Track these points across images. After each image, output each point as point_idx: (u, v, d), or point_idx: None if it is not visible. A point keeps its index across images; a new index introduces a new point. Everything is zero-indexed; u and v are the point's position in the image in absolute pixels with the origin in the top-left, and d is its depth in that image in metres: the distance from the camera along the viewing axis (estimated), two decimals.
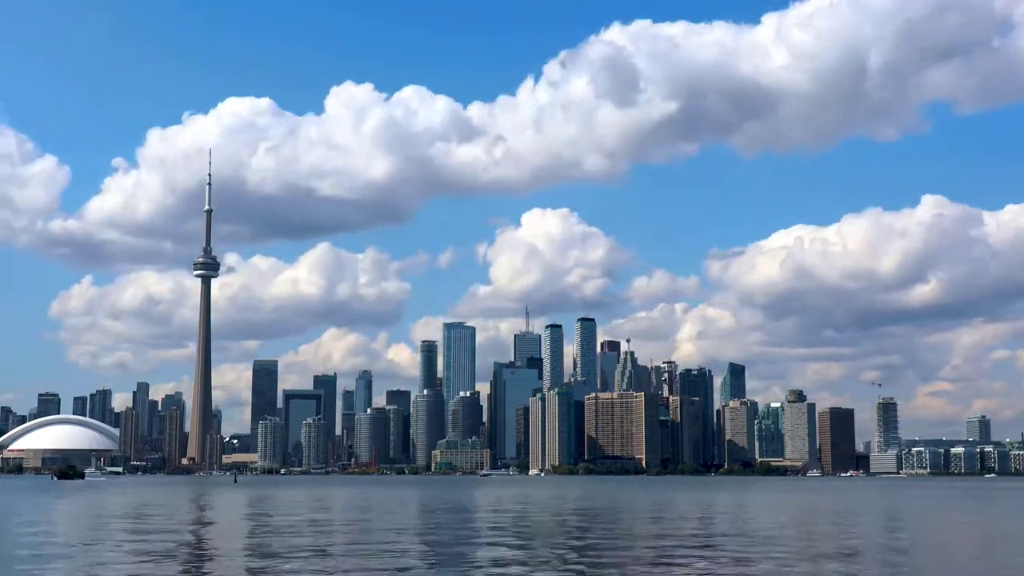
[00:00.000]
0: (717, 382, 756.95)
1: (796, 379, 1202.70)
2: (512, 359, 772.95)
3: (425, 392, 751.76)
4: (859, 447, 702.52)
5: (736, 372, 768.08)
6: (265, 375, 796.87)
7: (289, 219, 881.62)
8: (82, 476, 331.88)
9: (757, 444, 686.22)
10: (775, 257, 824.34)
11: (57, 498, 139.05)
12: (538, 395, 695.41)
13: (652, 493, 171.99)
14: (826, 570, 45.11)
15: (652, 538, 63.43)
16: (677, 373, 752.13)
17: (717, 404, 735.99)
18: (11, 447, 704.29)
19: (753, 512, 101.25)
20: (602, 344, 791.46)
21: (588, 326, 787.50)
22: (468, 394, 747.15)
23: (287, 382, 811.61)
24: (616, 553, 52.74)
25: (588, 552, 52.55)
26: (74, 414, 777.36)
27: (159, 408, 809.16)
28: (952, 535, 72.25)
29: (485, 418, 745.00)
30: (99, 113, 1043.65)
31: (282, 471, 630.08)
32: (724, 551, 52.85)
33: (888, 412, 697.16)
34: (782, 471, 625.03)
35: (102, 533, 67.30)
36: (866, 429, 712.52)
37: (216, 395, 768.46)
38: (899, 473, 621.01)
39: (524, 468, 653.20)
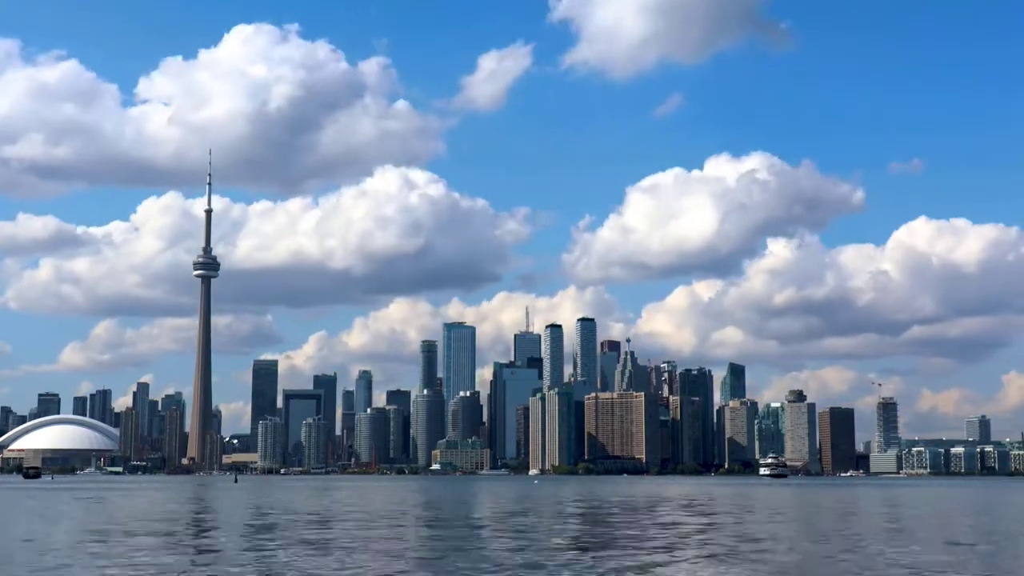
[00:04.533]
0: (717, 382, 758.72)
1: None
2: (512, 358, 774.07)
3: (425, 392, 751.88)
4: (859, 447, 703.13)
5: (736, 372, 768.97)
6: (265, 375, 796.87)
7: None
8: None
9: (757, 444, 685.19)
10: None
11: None
12: (538, 395, 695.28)
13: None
14: None
15: None
16: (677, 373, 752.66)
17: (717, 404, 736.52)
18: (11, 447, 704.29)
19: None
20: (602, 344, 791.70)
21: (588, 326, 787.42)
22: (468, 394, 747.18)
23: (285, 383, 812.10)
24: None
25: None
26: (74, 414, 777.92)
27: (159, 408, 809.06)
28: None
29: (485, 418, 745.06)
30: None
31: (282, 471, 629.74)
32: None
33: (888, 412, 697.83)
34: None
35: None
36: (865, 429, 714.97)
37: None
38: (899, 473, 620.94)
39: (524, 468, 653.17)
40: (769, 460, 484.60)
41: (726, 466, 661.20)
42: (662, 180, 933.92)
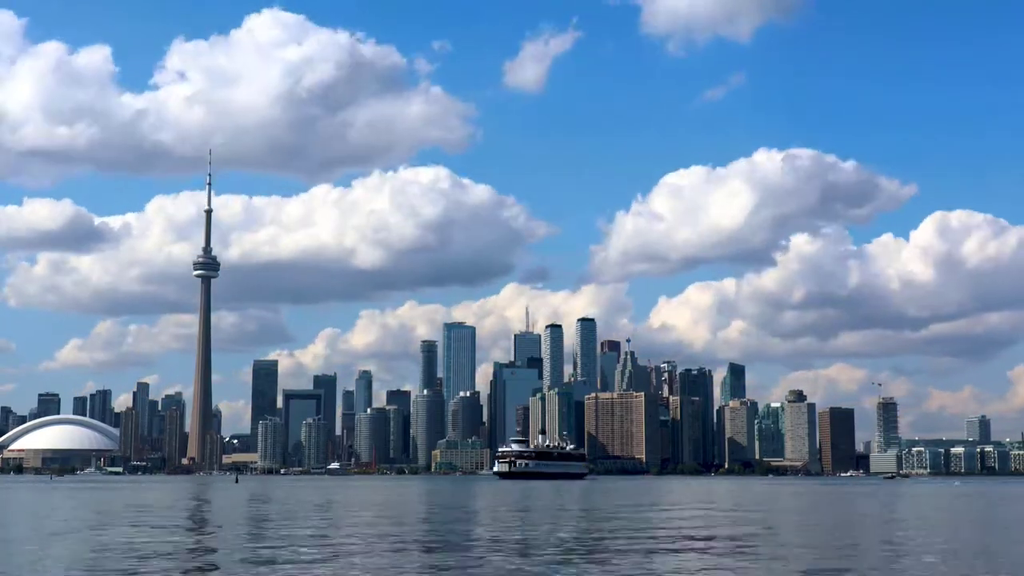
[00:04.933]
0: (717, 381, 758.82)
1: None
2: (513, 358, 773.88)
3: (425, 392, 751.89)
4: (859, 447, 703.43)
5: (736, 372, 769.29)
6: (265, 375, 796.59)
7: None
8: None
9: (757, 444, 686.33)
10: None
11: None
12: (538, 395, 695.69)
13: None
14: None
15: None
16: (677, 373, 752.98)
17: (717, 404, 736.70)
18: (11, 447, 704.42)
19: None
20: (602, 344, 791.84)
21: (588, 326, 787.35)
22: (468, 394, 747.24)
23: (286, 382, 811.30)
24: None
25: None
26: (74, 414, 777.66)
27: (159, 408, 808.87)
28: None
29: (485, 418, 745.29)
30: None
31: (282, 471, 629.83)
32: None
33: (888, 412, 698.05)
34: (782, 471, 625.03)
35: None
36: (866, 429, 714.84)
37: None
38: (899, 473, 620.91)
39: None
40: (511, 447, 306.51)
41: (726, 466, 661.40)
42: (695, 172, 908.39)
